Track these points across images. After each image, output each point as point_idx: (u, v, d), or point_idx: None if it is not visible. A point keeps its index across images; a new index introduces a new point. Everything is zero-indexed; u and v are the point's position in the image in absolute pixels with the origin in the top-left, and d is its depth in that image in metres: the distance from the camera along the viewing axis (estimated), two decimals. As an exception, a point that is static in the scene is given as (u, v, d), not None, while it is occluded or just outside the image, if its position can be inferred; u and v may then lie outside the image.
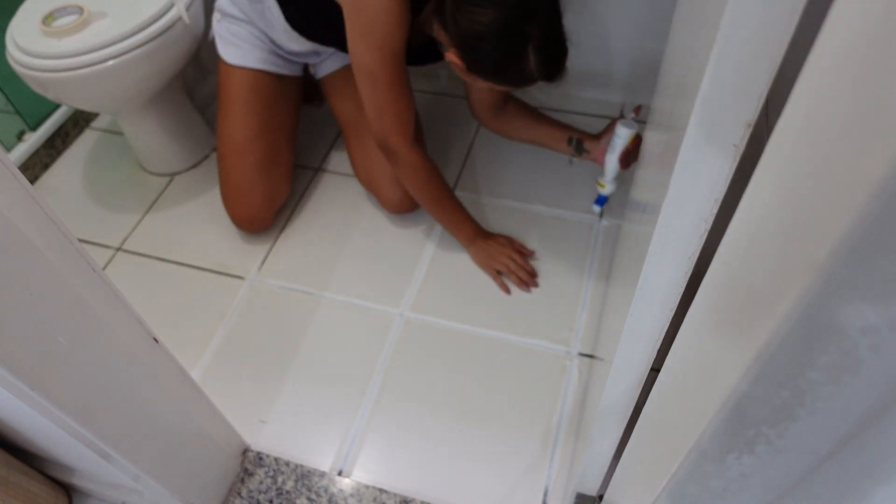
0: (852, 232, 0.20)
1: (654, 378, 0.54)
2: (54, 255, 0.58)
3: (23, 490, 0.93)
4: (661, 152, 0.56)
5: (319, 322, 1.28)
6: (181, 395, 0.86)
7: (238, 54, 1.33)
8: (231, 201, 1.39)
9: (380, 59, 1.08)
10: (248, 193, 1.37)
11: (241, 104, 1.34)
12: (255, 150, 1.35)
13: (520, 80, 1.04)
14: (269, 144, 1.37)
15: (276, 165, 1.39)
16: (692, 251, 0.46)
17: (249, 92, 1.34)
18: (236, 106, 1.34)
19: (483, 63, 1.02)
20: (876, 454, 0.30)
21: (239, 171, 1.36)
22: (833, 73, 0.23)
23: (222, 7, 1.34)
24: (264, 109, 1.36)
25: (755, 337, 0.27)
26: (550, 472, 1.06)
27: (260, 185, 1.37)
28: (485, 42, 0.98)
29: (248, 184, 1.36)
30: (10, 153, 1.57)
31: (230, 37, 1.34)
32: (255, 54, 1.34)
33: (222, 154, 1.37)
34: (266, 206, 1.39)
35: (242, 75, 1.34)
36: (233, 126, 1.35)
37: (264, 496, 1.05)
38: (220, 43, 1.35)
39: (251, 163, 1.35)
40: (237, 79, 1.34)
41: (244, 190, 1.37)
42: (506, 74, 1.03)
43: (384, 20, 1.04)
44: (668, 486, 0.41)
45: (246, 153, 1.35)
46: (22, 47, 1.26)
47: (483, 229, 1.33)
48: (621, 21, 1.48)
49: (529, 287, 1.29)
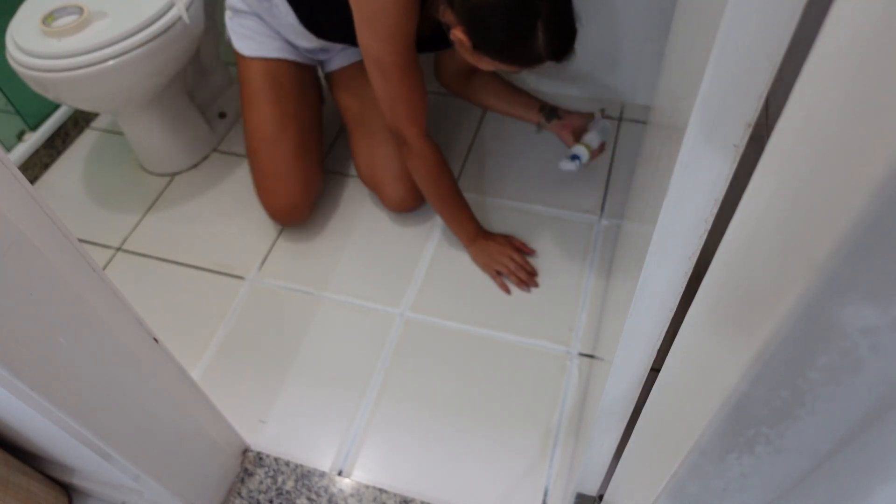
0: (852, 232, 0.20)
1: (654, 378, 0.54)
2: (54, 255, 0.58)
3: (23, 490, 0.93)
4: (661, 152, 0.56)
5: (319, 322, 1.28)
6: (181, 395, 0.86)
7: (253, 46, 1.33)
8: (268, 193, 1.38)
9: (390, 49, 1.08)
10: (286, 181, 1.36)
11: (264, 95, 1.34)
12: (287, 138, 1.35)
13: (527, 59, 1.01)
14: (300, 132, 1.37)
15: (308, 152, 1.39)
16: (692, 251, 0.46)
17: (272, 82, 1.34)
18: (260, 97, 1.34)
19: (491, 40, 1.00)
20: (876, 454, 0.30)
21: (274, 161, 1.35)
22: (833, 74, 0.23)
23: (233, 4, 1.34)
24: (288, 98, 1.36)
25: (755, 337, 0.27)
26: (550, 472, 1.06)
27: (296, 173, 1.36)
28: (493, 16, 0.96)
29: (284, 172, 1.35)
30: (10, 153, 1.57)
31: (244, 30, 1.34)
32: (270, 44, 1.33)
33: (255, 147, 1.36)
34: (305, 193, 1.38)
35: (261, 66, 1.34)
36: (260, 118, 1.34)
37: (264, 496, 1.05)
38: (235, 38, 1.35)
39: (285, 151, 1.35)
40: (257, 70, 1.34)
41: (281, 178, 1.35)
42: (513, 52, 1.01)
43: (391, 10, 1.04)
44: (668, 486, 0.41)
45: (278, 142, 1.34)
46: (22, 47, 1.26)
47: (484, 229, 1.33)
48: (621, 21, 1.48)
49: (529, 287, 1.29)
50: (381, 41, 1.07)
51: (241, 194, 1.54)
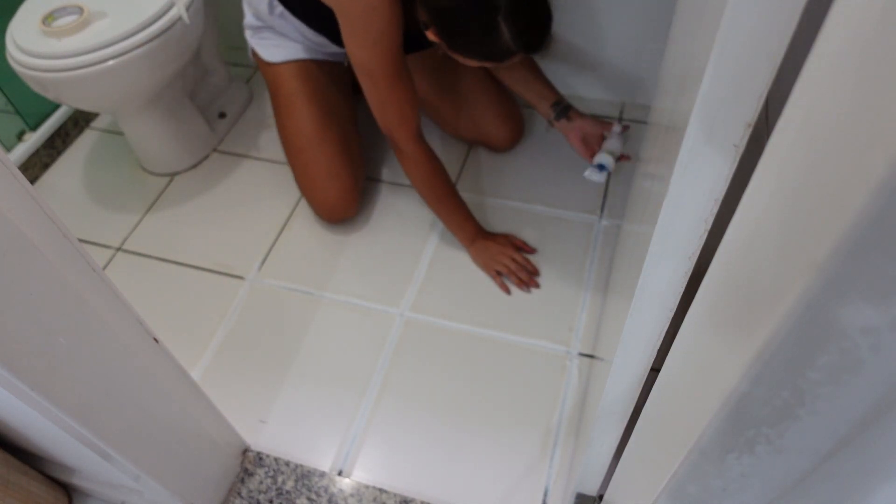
0: (852, 232, 0.20)
1: (654, 378, 0.54)
2: (54, 255, 0.58)
3: (23, 490, 0.93)
4: (660, 152, 0.56)
5: (319, 322, 1.28)
6: (181, 395, 0.86)
7: (281, 52, 1.34)
8: (318, 192, 1.38)
9: (376, 56, 1.08)
10: (336, 179, 1.36)
11: (303, 95, 1.34)
12: (331, 135, 1.35)
13: (498, 54, 1.01)
14: (341, 127, 1.38)
15: (352, 145, 1.40)
16: (692, 251, 0.46)
17: (306, 81, 1.35)
18: (298, 98, 1.34)
19: (458, 40, 1.01)
20: (876, 454, 0.30)
21: (321, 160, 1.35)
22: (833, 73, 0.23)
23: (249, 23, 1.35)
24: (324, 97, 1.37)
25: (755, 337, 0.27)
26: (550, 472, 1.06)
27: (344, 169, 1.37)
28: (454, 17, 0.98)
29: (334, 170, 1.36)
30: (10, 153, 1.57)
31: (267, 41, 1.35)
32: (296, 47, 1.35)
33: (298, 148, 1.37)
34: (354, 188, 1.39)
35: (293, 68, 1.34)
36: (301, 120, 1.35)
37: (264, 496, 1.05)
38: (261, 49, 1.35)
39: (331, 149, 1.35)
40: (289, 73, 1.34)
41: (332, 177, 1.36)
42: (482, 49, 1.01)
43: (375, 18, 1.04)
44: (668, 486, 0.41)
45: (323, 141, 1.35)
46: (22, 47, 1.26)
47: (483, 229, 1.33)
48: (621, 21, 1.48)
49: (530, 287, 1.29)
50: (367, 48, 1.08)
51: (241, 194, 1.54)
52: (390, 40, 1.08)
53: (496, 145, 1.52)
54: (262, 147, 1.64)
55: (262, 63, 1.38)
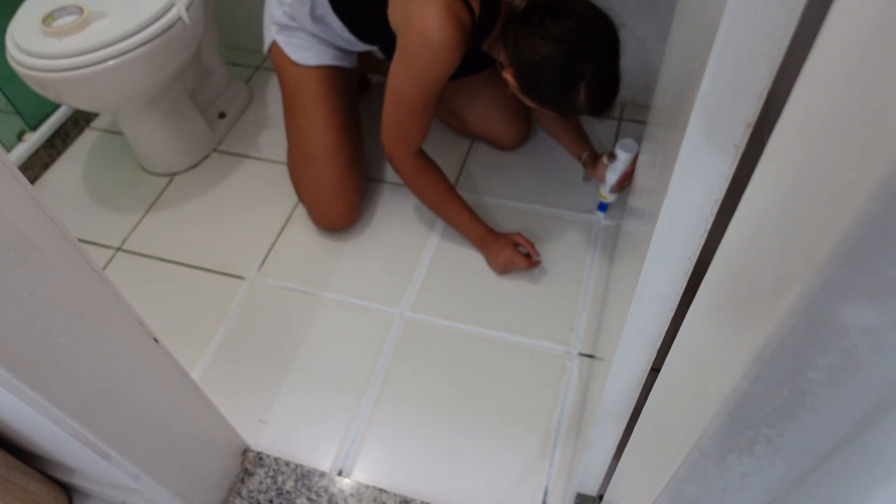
0: (852, 232, 0.20)
1: (654, 378, 0.54)
2: (54, 255, 0.58)
3: (22, 490, 0.93)
4: (661, 152, 0.56)
5: (319, 322, 1.28)
6: (181, 395, 0.86)
7: (312, 56, 1.34)
8: (324, 201, 1.37)
9: (416, 91, 1.12)
10: (345, 190, 1.36)
11: (326, 103, 1.34)
12: (346, 148, 1.36)
13: (567, 111, 1.08)
14: (354, 142, 1.39)
15: (360, 162, 1.41)
16: (692, 251, 0.46)
17: (331, 90, 1.35)
18: (321, 106, 1.34)
19: (536, 91, 1.06)
20: (876, 454, 0.30)
21: (333, 172, 1.35)
22: (833, 73, 0.23)
23: (279, 20, 1.34)
24: (343, 105, 1.37)
25: (755, 337, 0.27)
26: (550, 472, 1.06)
27: (353, 181, 1.37)
28: (540, 73, 1.03)
29: (345, 180, 1.36)
30: (10, 153, 1.57)
31: (299, 42, 1.34)
32: (326, 53, 1.35)
33: (311, 155, 1.35)
34: (358, 203, 1.40)
35: (320, 75, 1.34)
36: (321, 126, 1.34)
37: (264, 496, 1.05)
38: (291, 50, 1.34)
39: (345, 160, 1.35)
40: (314, 79, 1.34)
41: (343, 187, 1.36)
42: (554, 104, 1.07)
43: (433, 65, 1.07)
44: (668, 486, 0.41)
45: (340, 151, 1.35)
46: (22, 47, 1.26)
47: (492, 230, 1.32)
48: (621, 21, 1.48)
49: (535, 266, 1.30)
50: (410, 82, 1.11)
51: (241, 194, 1.54)
52: (436, 83, 1.11)
53: (502, 143, 1.53)
54: (263, 147, 1.64)
55: (286, 62, 1.35)
